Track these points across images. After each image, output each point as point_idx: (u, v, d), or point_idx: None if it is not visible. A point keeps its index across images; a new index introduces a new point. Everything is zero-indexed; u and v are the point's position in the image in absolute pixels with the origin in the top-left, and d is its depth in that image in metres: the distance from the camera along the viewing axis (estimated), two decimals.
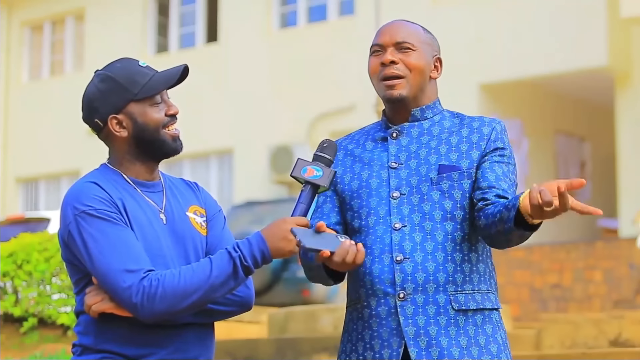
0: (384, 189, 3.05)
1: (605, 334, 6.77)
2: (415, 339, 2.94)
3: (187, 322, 2.91)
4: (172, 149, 2.98)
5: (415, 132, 3.10)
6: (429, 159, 3.04)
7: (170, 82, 2.96)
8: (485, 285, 3.03)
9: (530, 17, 15.72)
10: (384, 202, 3.03)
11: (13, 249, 8.25)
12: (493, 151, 3.05)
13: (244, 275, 2.84)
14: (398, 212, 3.01)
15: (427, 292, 2.96)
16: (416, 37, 3.11)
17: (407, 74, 3.07)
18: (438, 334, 2.94)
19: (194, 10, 19.64)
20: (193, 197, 3.08)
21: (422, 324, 2.95)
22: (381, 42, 3.10)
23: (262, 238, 2.84)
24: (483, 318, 3.00)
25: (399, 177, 3.04)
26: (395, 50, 3.08)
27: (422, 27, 3.17)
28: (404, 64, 3.07)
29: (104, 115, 2.94)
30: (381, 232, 3.01)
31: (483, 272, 3.04)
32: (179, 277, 2.79)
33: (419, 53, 3.09)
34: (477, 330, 2.98)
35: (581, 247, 14.46)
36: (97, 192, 2.87)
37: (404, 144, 3.09)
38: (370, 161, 3.10)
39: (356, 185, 3.09)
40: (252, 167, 17.92)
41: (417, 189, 3.02)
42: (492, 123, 3.10)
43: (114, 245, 2.81)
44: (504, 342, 3.04)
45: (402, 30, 3.11)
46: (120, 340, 2.88)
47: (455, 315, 2.96)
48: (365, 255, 2.99)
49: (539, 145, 17.10)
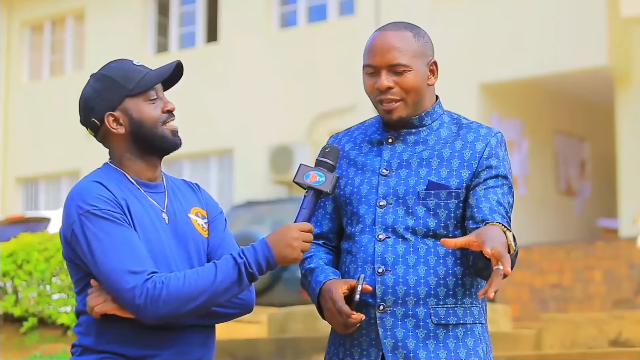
0: (373, 197, 3.04)
1: (605, 334, 6.77)
2: (393, 351, 2.95)
3: (189, 324, 2.91)
4: (171, 143, 2.97)
5: (412, 140, 3.07)
6: (420, 171, 3.02)
7: (163, 76, 2.97)
8: (469, 299, 3.01)
9: (530, 17, 15.71)
10: (371, 210, 3.03)
11: (13, 249, 8.25)
12: (486, 170, 3.01)
13: (248, 282, 2.85)
14: (382, 221, 3.01)
15: (406, 305, 2.96)
16: (409, 53, 3.02)
17: (404, 96, 3.03)
18: (416, 347, 2.94)
19: (194, 10, 19.64)
20: (195, 199, 3.08)
21: (401, 336, 2.95)
22: (373, 63, 3.03)
23: (267, 245, 2.85)
24: (465, 331, 2.99)
25: (387, 185, 3.03)
26: (389, 72, 3.01)
27: (412, 34, 3.06)
28: (399, 86, 3.02)
29: (100, 114, 2.95)
30: (366, 241, 3.02)
31: (470, 285, 3.02)
32: (183, 280, 2.79)
33: (414, 72, 3.02)
34: (457, 344, 2.97)
35: (581, 247, 14.46)
36: (101, 192, 2.87)
37: (398, 151, 3.06)
38: (364, 166, 3.09)
39: (349, 191, 3.08)
40: (252, 167, 17.92)
41: (403, 200, 3.00)
42: (488, 137, 3.04)
43: (117, 245, 2.81)
44: (485, 356, 3.02)
45: (393, 48, 3.01)
46: (122, 341, 2.87)
47: (435, 329, 2.96)
48: (351, 262, 3.03)
49: (539, 145, 17.10)
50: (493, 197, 2.99)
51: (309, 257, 3.10)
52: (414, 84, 3.02)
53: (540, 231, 16.65)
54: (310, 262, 3.09)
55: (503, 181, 3.02)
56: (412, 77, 3.02)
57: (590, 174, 18.21)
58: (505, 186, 3.03)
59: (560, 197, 17.60)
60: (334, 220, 3.14)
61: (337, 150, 3.03)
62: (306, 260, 3.10)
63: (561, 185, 17.66)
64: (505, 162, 3.05)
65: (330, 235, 3.14)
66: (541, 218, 16.88)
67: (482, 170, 3.01)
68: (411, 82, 3.02)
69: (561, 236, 16.96)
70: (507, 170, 3.04)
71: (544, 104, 17.27)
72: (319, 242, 3.14)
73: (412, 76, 3.02)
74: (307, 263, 3.09)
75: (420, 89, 3.05)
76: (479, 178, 3.00)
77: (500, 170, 3.02)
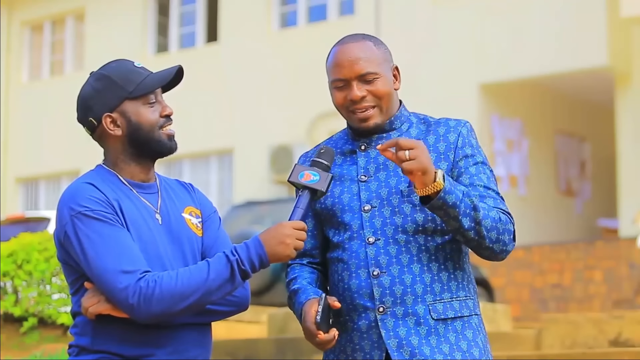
0: (356, 203, 3.07)
1: (605, 334, 6.76)
2: (398, 350, 2.98)
3: (185, 322, 2.91)
4: (167, 147, 2.98)
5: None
6: (398, 170, 3.04)
7: (164, 81, 2.97)
8: (463, 292, 3.06)
9: (530, 17, 15.71)
10: (357, 216, 3.06)
11: (13, 249, 8.25)
12: (463, 159, 3.06)
13: (241, 279, 2.85)
14: (371, 225, 3.04)
15: (405, 304, 2.99)
16: (375, 61, 3.07)
17: (378, 102, 3.07)
18: (420, 343, 2.98)
19: (194, 10, 19.64)
20: (188, 198, 3.08)
21: (404, 335, 2.98)
22: (343, 76, 3.07)
23: (259, 242, 2.85)
24: (462, 324, 3.03)
25: (369, 190, 3.06)
26: (360, 82, 3.06)
27: (372, 42, 3.11)
28: (372, 94, 3.06)
29: (98, 114, 2.95)
30: (356, 246, 3.04)
31: (462, 278, 3.07)
32: (176, 279, 2.79)
33: (383, 78, 3.07)
34: (457, 337, 3.01)
35: (581, 247, 14.46)
36: (93, 193, 2.87)
37: (373, 156, 3.10)
38: (341, 176, 3.12)
39: (330, 202, 3.11)
40: (252, 167, 17.92)
41: (387, 201, 3.04)
42: (458, 127, 3.10)
43: (110, 246, 2.81)
44: (484, 346, 3.08)
45: (360, 59, 3.06)
46: (118, 340, 2.88)
47: (435, 325, 2.99)
48: (343, 270, 3.05)
49: (539, 145, 17.09)
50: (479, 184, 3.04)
51: (293, 279, 3.14)
52: (384, 90, 3.07)
53: (540, 231, 16.65)
54: (294, 283, 3.12)
55: (483, 167, 3.08)
56: (381, 83, 3.07)
57: (590, 174, 18.21)
58: (487, 170, 3.09)
59: (561, 197, 17.60)
60: (316, 237, 3.18)
61: (332, 151, 3.04)
62: (291, 282, 3.14)
63: (561, 185, 17.66)
64: (479, 149, 3.12)
65: (314, 252, 3.18)
66: (541, 218, 16.88)
67: (459, 160, 3.06)
68: (382, 89, 3.07)
69: (561, 236, 16.96)
70: (483, 156, 3.11)
71: (544, 104, 17.27)
72: (303, 262, 3.18)
73: (381, 82, 3.07)
74: (292, 285, 3.13)
75: (390, 94, 3.09)
76: (459, 168, 3.06)
77: (478, 158, 3.08)
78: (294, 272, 3.15)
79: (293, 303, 3.10)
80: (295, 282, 3.12)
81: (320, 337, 2.92)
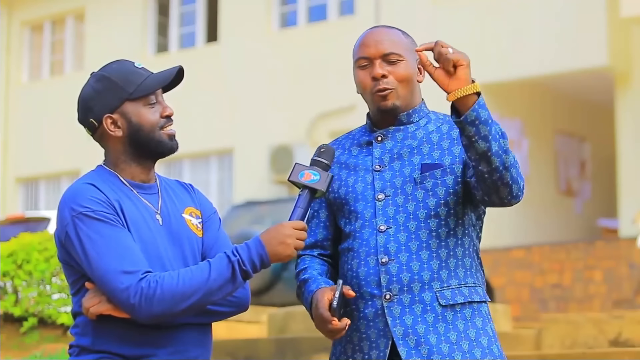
0: (369, 192, 3.08)
1: (605, 334, 6.76)
2: (404, 339, 2.96)
3: (185, 322, 2.92)
4: (168, 148, 2.99)
5: (400, 136, 3.12)
6: (412, 159, 3.07)
7: (164, 82, 2.97)
8: (472, 279, 3.05)
9: (530, 17, 15.71)
10: (370, 205, 3.06)
11: (13, 249, 8.24)
12: None
13: (242, 280, 2.85)
14: (383, 213, 3.04)
15: (412, 291, 2.98)
16: (401, 45, 3.11)
17: (397, 85, 3.09)
18: (426, 332, 2.96)
19: (194, 10, 19.64)
20: (188, 199, 3.09)
21: (410, 323, 2.97)
22: (368, 54, 3.11)
23: (260, 243, 2.86)
24: (472, 311, 3.02)
25: (383, 180, 3.07)
26: (383, 62, 3.09)
27: (401, 32, 3.16)
28: (393, 76, 3.09)
29: (98, 115, 2.95)
30: (367, 235, 3.04)
31: (470, 265, 3.06)
32: (177, 279, 2.80)
33: (406, 63, 3.10)
34: (467, 324, 2.99)
35: (581, 247, 14.46)
36: (94, 194, 2.88)
37: (388, 147, 3.11)
38: (356, 166, 3.13)
39: (344, 191, 3.12)
40: (252, 167, 17.92)
41: (401, 189, 3.05)
42: None
43: (111, 246, 2.81)
44: (493, 334, 3.07)
45: (386, 40, 3.11)
46: (119, 340, 2.88)
47: (442, 312, 2.98)
48: (353, 258, 3.05)
49: (539, 146, 17.10)
50: None
51: (303, 269, 3.14)
52: (406, 74, 3.09)
53: (540, 231, 16.65)
54: (304, 273, 3.12)
55: None
56: (404, 67, 3.09)
57: (590, 174, 18.21)
58: None
59: (561, 197, 17.60)
60: (328, 228, 3.18)
61: (332, 150, 3.05)
62: (301, 272, 3.14)
63: (561, 185, 17.67)
64: None
65: (325, 243, 3.18)
66: (541, 218, 16.89)
67: None
68: (404, 72, 3.09)
69: (561, 236, 16.97)
70: None
71: (544, 104, 17.28)
72: (313, 253, 3.18)
73: (404, 66, 3.09)
74: (301, 275, 3.13)
75: (412, 80, 3.11)
76: None
77: None
78: (305, 262, 3.15)
79: (302, 292, 3.09)
80: (306, 272, 3.12)
81: (335, 324, 2.90)
